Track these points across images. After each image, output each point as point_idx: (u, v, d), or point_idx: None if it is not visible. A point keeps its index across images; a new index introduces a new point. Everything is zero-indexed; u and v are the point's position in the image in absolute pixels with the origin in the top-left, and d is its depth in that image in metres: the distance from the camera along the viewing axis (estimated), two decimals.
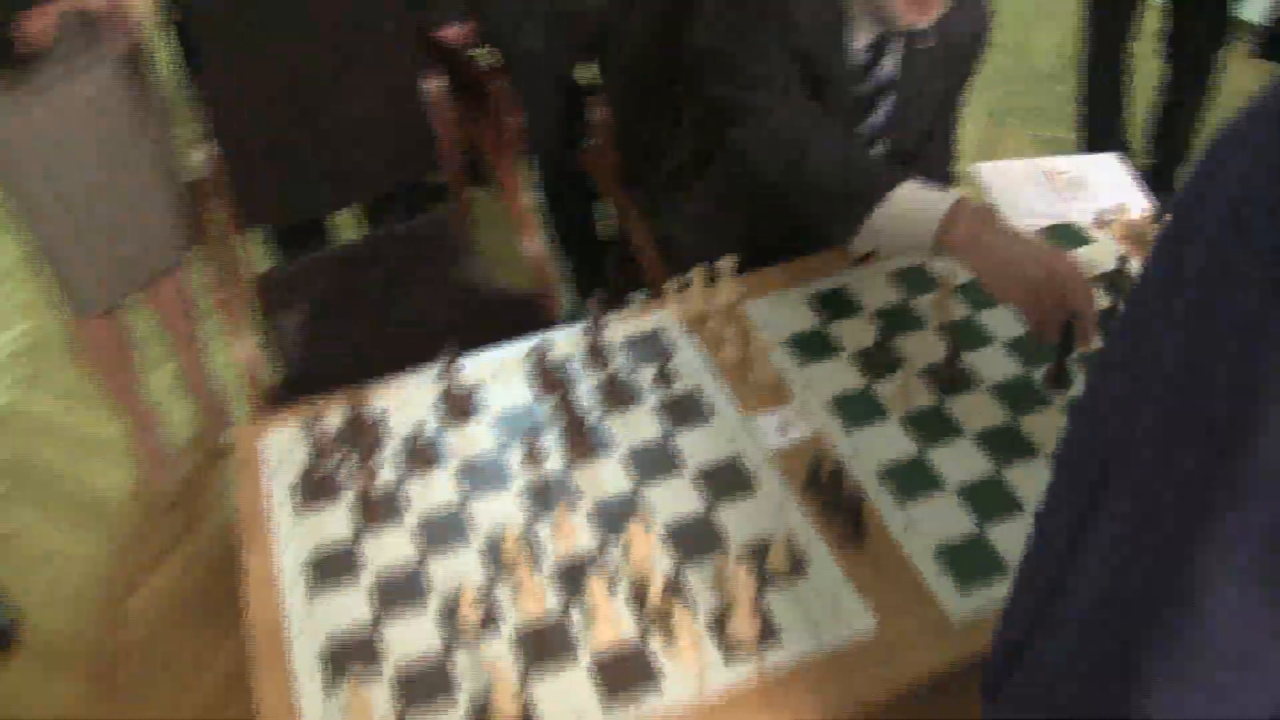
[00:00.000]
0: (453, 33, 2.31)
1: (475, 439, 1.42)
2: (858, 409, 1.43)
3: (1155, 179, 3.01)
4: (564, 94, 2.33)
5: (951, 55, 1.68)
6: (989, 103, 3.61)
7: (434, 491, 1.35)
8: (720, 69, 1.59)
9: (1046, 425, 1.39)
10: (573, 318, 2.50)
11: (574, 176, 2.29)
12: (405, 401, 1.47)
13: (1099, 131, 3.10)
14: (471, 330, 1.63)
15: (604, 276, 2.65)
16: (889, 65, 1.64)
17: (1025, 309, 1.36)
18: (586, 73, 2.38)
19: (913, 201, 1.43)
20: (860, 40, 1.60)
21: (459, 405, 1.44)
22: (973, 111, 2.88)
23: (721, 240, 1.87)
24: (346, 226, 2.84)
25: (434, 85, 2.19)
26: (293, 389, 1.90)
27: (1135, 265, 1.57)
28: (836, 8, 1.56)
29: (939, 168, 1.88)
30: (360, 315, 2.13)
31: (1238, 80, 3.12)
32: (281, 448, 1.43)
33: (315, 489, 1.35)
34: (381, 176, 2.28)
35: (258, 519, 1.35)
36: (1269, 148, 0.58)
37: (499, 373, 1.50)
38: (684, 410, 1.44)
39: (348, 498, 1.35)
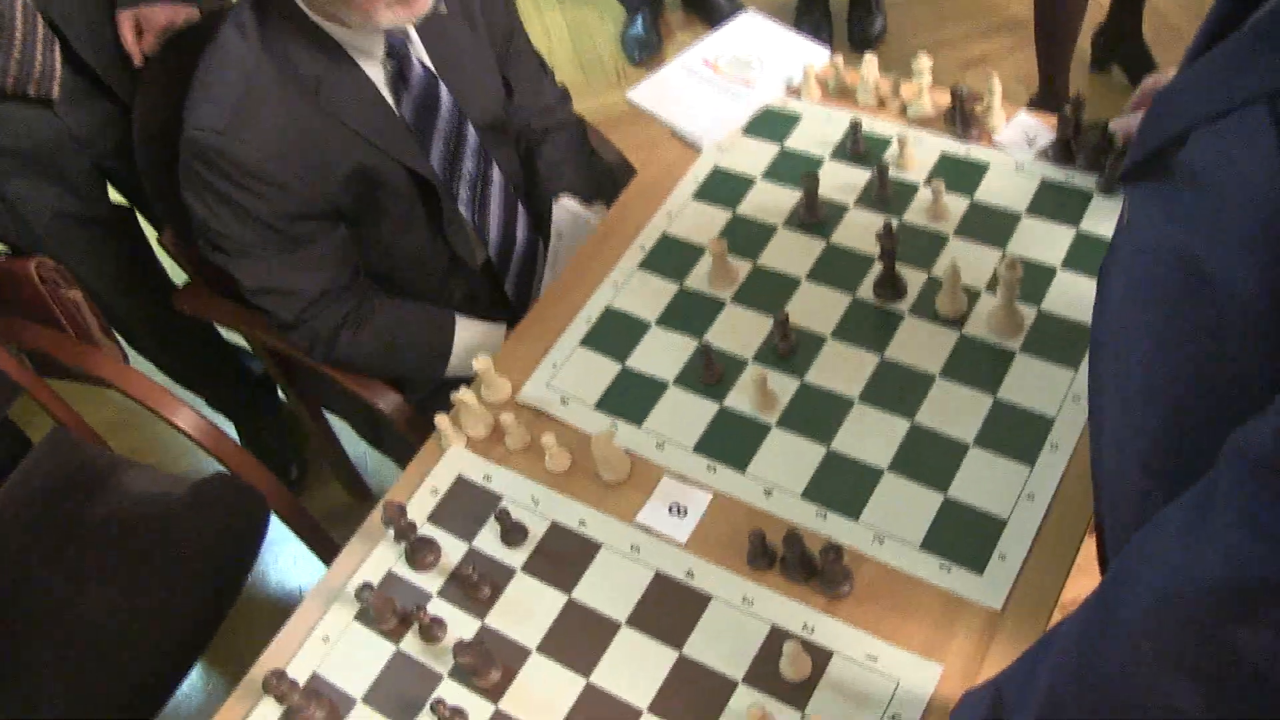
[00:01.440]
0: None
1: None
2: (733, 439, 1.22)
3: None
4: (117, 235, 1.87)
5: (472, 15, 1.48)
6: None
7: None
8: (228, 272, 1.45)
9: (910, 339, 1.25)
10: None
11: (183, 323, 1.86)
12: None
13: None
14: (196, 576, 1.26)
15: (276, 420, 2.27)
16: (416, 64, 1.40)
17: None
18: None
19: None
20: (378, 77, 1.38)
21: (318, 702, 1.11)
22: None
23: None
24: None
25: None
26: None
27: (863, 120, 1.43)
28: (348, 75, 1.35)
29: (566, 126, 1.66)
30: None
31: None
32: None
33: None
34: None
35: None
36: None
37: (329, 639, 1.16)
38: (561, 559, 1.17)
39: None
